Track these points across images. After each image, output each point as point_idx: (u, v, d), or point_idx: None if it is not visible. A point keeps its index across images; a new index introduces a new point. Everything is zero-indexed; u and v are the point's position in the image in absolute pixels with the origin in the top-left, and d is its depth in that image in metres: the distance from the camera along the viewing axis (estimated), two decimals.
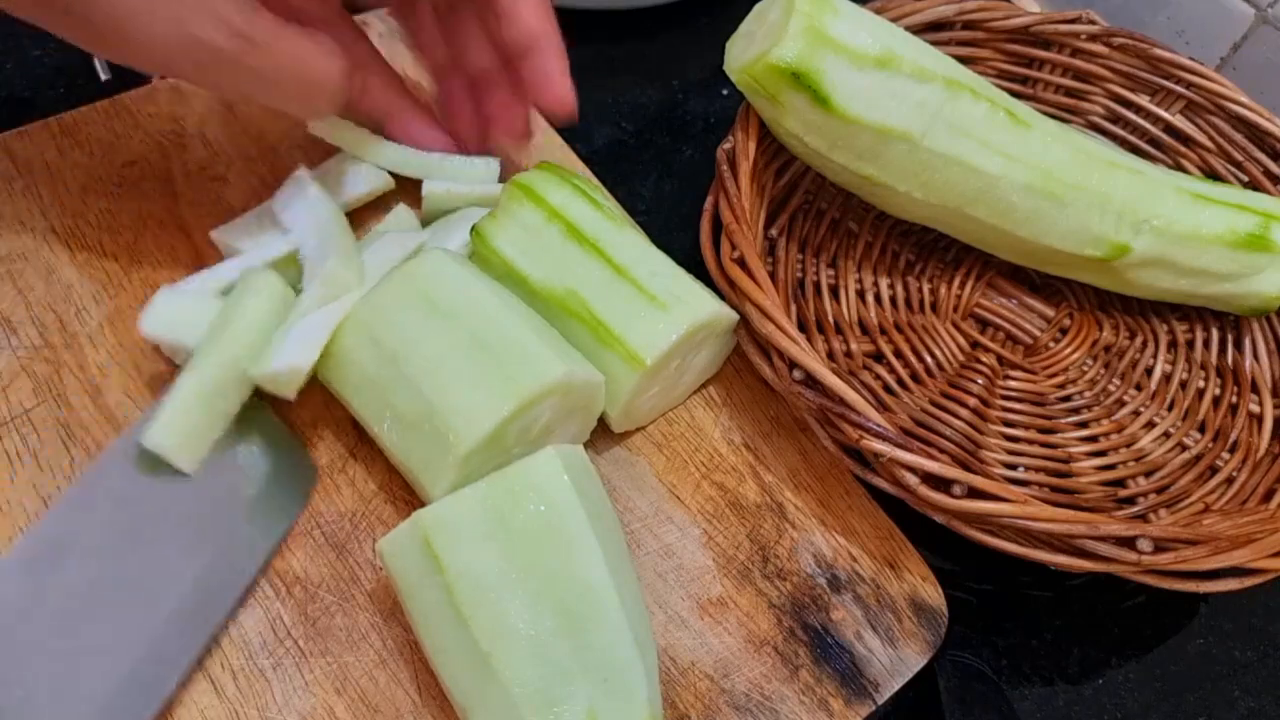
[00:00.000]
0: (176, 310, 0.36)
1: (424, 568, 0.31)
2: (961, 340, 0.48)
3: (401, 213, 0.42)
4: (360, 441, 0.38)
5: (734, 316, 0.39)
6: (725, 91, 0.56)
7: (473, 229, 0.40)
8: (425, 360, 0.34)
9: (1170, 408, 0.47)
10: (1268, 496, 0.43)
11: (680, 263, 0.40)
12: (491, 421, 0.33)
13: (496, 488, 0.31)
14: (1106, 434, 0.46)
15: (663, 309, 0.37)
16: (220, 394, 0.35)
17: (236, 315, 0.35)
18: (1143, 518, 0.42)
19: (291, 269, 0.38)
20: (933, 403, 0.45)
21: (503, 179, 0.43)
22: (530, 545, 0.31)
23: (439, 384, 0.34)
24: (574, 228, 0.39)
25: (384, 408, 0.35)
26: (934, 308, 0.48)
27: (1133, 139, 0.51)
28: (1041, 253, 0.45)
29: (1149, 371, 0.49)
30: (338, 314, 0.36)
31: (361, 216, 0.43)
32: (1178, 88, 0.49)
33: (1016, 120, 0.42)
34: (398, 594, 0.32)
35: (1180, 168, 0.50)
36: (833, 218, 0.49)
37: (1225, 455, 0.45)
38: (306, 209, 0.39)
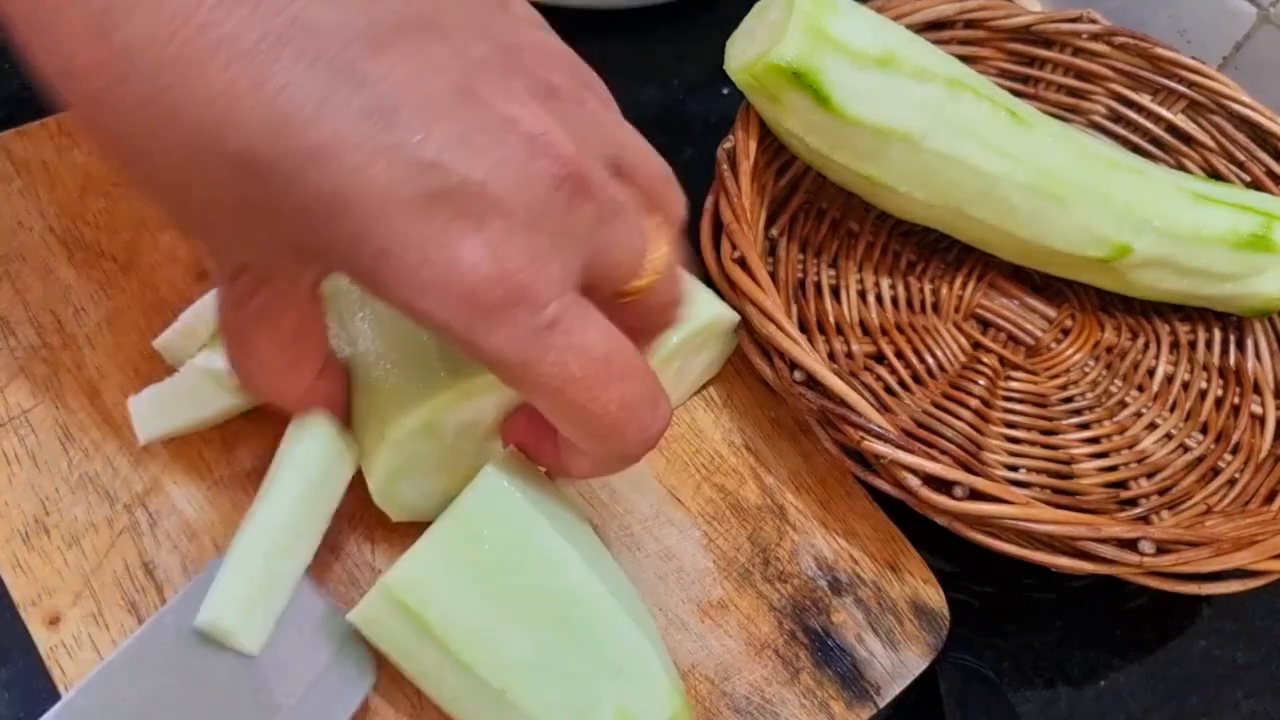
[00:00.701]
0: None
1: (410, 630, 0.30)
2: (963, 341, 0.47)
3: None
4: None
5: (735, 318, 0.39)
6: (725, 91, 0.55)
7: None
8: (380, 346, 0.33)
9: (1172, 409, 0.47)
10: (1270, 498, 0.43)
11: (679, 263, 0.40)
12: (422, 411, 0.31)
13: (451, 529, 0.30)
14: (1108, 435, 0.46)
15: None
16: (284, 554, 0.32)
17: (289, 464, 0.32)
18: (1145, 519, 0.42)
19: None
20: (934, 404, 0.44)
21: None
22: (505, 572, 0.30)
23: (385, 369, 0.33)
24: None
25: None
26: (935, 308, 0.48)
27: (1134, 138, 0.51)
28: (1043, 253, 0.45)
29: (1151, 373, 0.48)
30: None
31: None
32: (1179, 87, 0.49)
33: (1018, 120, 0.42)
34: (385, 655, 0.31)
35: (1182, 167, 0.50)
36: (834, 218, 0.49)
37: (1227, 457, 0.45)
38: None
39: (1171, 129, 0.50)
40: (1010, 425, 0.45)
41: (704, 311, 0.37)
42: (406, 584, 0.30)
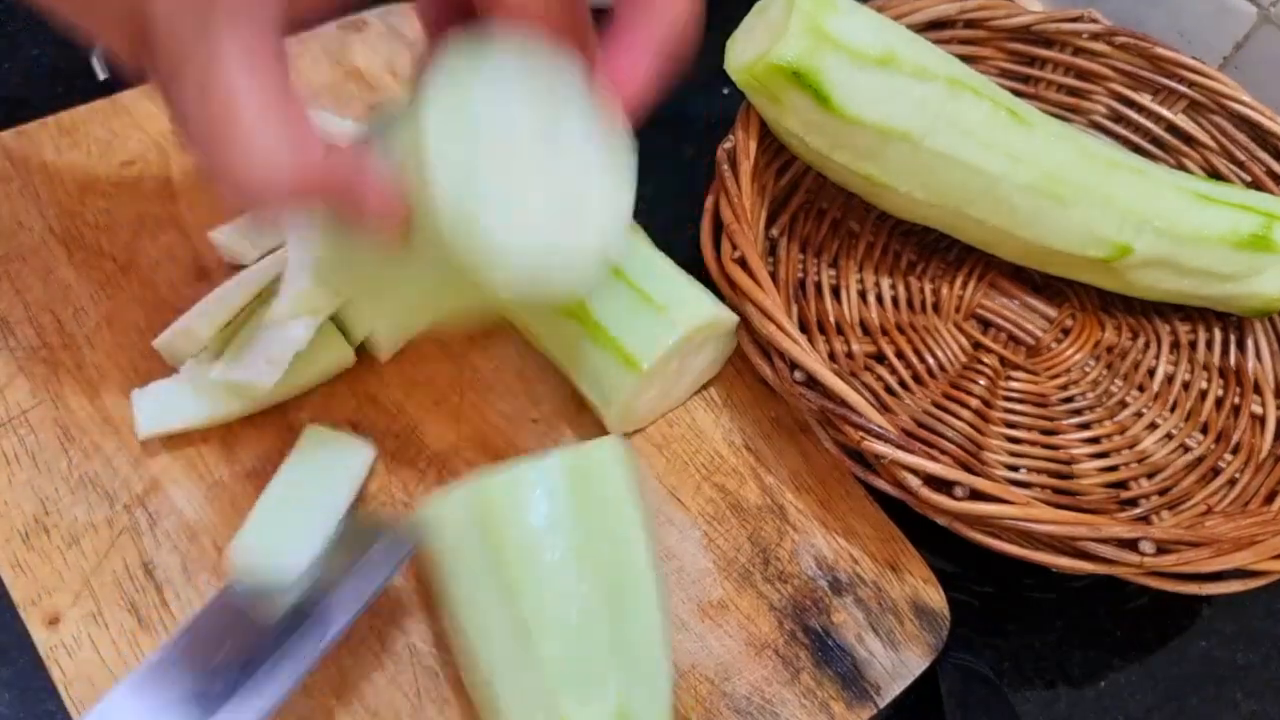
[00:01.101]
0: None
1: (478, 534, 0.30)
2: (963, 341, 0.47)
3: None
4: None
5: (733, 319, 0.39)
6: (726, 91, 0.55)
7: None
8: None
9: (1173, 409, 0.47)
10: (1270, 498, 0.42)
11: (680, 263, 0.40)
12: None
13: (559, 468, 0.31)
14: (1109, 435, 0.45)
15: (661, 311, 0.37)
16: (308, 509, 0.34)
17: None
18: (1145, 519, 0.42)
19: None
20: (934, 404, 0.44)
21: None
22: (591, 528, 0.31)
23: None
24: None
25: None
26: (936, 308, 0.48)
27: (1135, 138, 0.51)
28: (1043, 253, 0.45)
29: (1151, 373, 0.48)
30: (305, 333, 0.35)
31: None
32: (1180, 87, 0.49)
33: (1018, 120, 0.42)
34: (435, 555, 0.32)
35: (1183, 167, 0.50)
36: (834, 218, 0.49)
37: (1228, 457, 0.45)
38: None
39: (1172, 129, 0.50)
40: (1010, 425, 0.45)
41: (702, 312, 0.37)
42: (504, 491, 0.30)
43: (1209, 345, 0.49)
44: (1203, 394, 0.48)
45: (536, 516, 0.30)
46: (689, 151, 0.53)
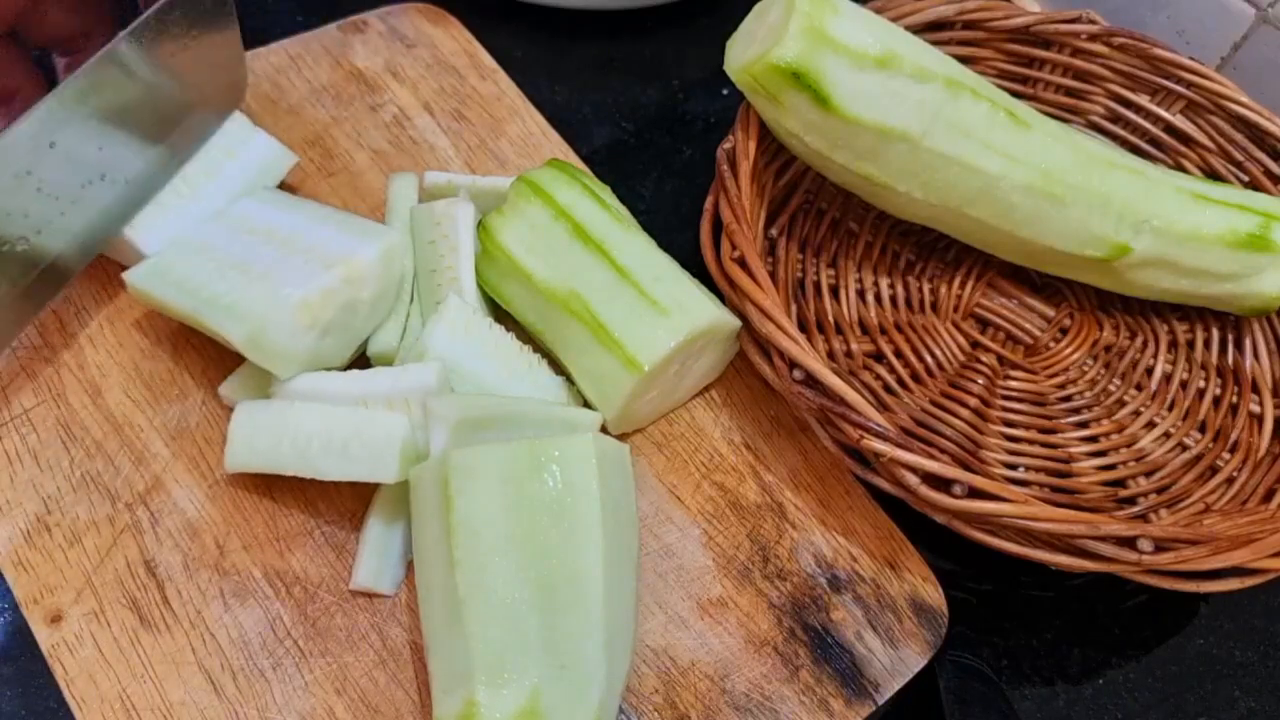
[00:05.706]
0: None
1: (437, 503, 0.31)
2: (962, 340, 0.48)
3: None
4: None
5: (736, 324, 0.39)
6: (725, 91, 0.56)
7: (479, 223, 0.40)
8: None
9: (1170, 408, 0.47)
10: (1268, 496, 0.43)
11: (680, 263, 0.40)
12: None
13: (524, 450, 0.31)
14: (1107, 434, 0.46)
15: (664, 314, 0.37)
16: None
17: None
18: (1143, 518, 0.42)
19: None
20: (933, 402, 0.45)
21: None
22: (535, 515, 0.31)
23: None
24: (580, 227, 0.39)
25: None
26: (934, 308, 0.48)
27: (1133, 139, 0.51)
28: (1042, 253, 0.45)
29: (1149, 371, 0.49)
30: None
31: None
32: (1178, 87, 0.49)
33: (1017, 120, 0.42)
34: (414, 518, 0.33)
35: (1181, 168, 0.50)
36: (833, 218, 0.49)
37: (1226, 455, 0.45)
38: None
39: (1170, 129, 0.50)
40: (1009, 424, 0.45)
41: (705, 316, 0.37)
42: (459, 465, 0.31)
43: (1207, 344, 0.49)
44: (1200, 393, 0.48)
45: (486, 494, 0.31)
46: (689, 152, 0.53)
